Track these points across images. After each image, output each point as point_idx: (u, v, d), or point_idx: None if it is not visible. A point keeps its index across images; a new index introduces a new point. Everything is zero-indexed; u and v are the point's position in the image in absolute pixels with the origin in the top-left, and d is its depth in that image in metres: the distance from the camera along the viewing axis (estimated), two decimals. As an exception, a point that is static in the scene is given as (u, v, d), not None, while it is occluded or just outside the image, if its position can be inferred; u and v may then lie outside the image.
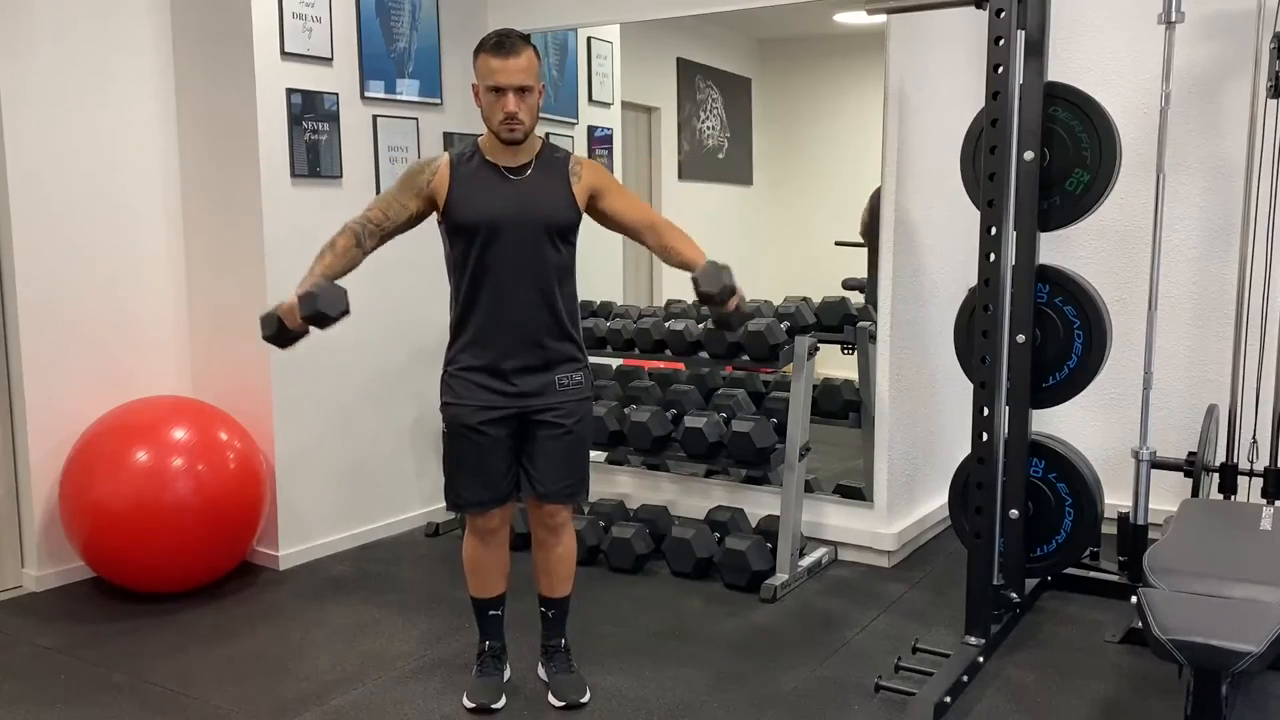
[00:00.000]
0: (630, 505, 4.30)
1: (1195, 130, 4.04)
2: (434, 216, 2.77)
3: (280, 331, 2.60)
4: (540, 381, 2.76)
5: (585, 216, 2.81)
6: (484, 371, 2.74)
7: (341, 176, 4.09)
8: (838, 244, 4.71)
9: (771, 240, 5.82)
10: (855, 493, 4.15)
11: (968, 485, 3.21)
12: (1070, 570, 3.61)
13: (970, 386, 3.15)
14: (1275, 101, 3.50)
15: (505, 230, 2.68)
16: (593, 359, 3.12)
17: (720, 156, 5.75)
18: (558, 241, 2.74)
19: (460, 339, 2.77)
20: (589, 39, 5.10)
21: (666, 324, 4.20)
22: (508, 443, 2.79)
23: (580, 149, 5.08)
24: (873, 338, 4.03)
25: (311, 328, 2.60)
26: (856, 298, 4.29)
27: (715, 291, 2.63)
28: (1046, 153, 3.27)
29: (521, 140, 2.68)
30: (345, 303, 2.56)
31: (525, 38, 2.65)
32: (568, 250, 2.78)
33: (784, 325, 3.95)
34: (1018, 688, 3.01)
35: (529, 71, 2.62)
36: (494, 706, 2.88)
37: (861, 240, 4.38)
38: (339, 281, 2.61)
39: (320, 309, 2.52)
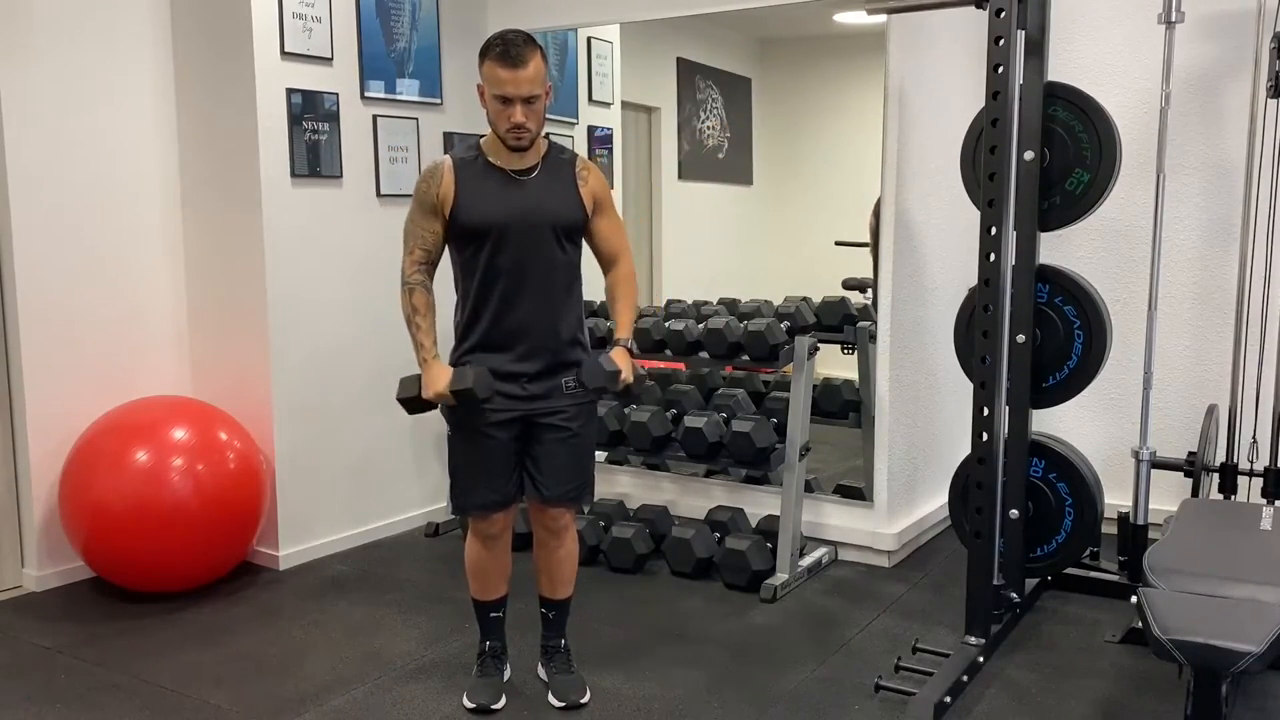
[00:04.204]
0: (630, 505, 4.30)
1: (1195, 130, 4.04)
2: None
3: (415, 401, 2.73)
4: (547, 385, 2.76)
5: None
6: (491, 375, 2.73)
7: (342, 176, 4.09)
8: (838, 244, 4.71)
9: (771, 240, 5.81)
10: (855, 493, 4.15)
11: (968, 485, 3.20)
12: (1070, 570, 3.61)
13: (970, 386, 3.15)
14: (1275, 101, 3.50)
15: (514, 234, 2.67)
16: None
17: (720, 156, 5.74)
18: (565, 243, 2.74)
19: (467, 341, 2.77)
20: (589, 39, 5.09)
21: (666, 324, 4.20)
22: (512, 445, 2.79)
23: (580, 149, 5.07)
24: (873, 338, 4.03)
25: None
26: (856, 298, 4.29)
27: (591, 389, 2.77)
28: (1046, 153, 3.27)
29: (527, 147, 2.68)
30: (493, 384, 2.68)
31: (531, 39, 2.62)
32: (574, 252, 2.78)
33: (784, 325, 3.95)
34: (1018, 688, 3.01)
35: (536, 80, 2.59)
36: (494, 707, 2.88)
37: (867, 242, 4.37)
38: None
39: (478, 395, 2.66)
